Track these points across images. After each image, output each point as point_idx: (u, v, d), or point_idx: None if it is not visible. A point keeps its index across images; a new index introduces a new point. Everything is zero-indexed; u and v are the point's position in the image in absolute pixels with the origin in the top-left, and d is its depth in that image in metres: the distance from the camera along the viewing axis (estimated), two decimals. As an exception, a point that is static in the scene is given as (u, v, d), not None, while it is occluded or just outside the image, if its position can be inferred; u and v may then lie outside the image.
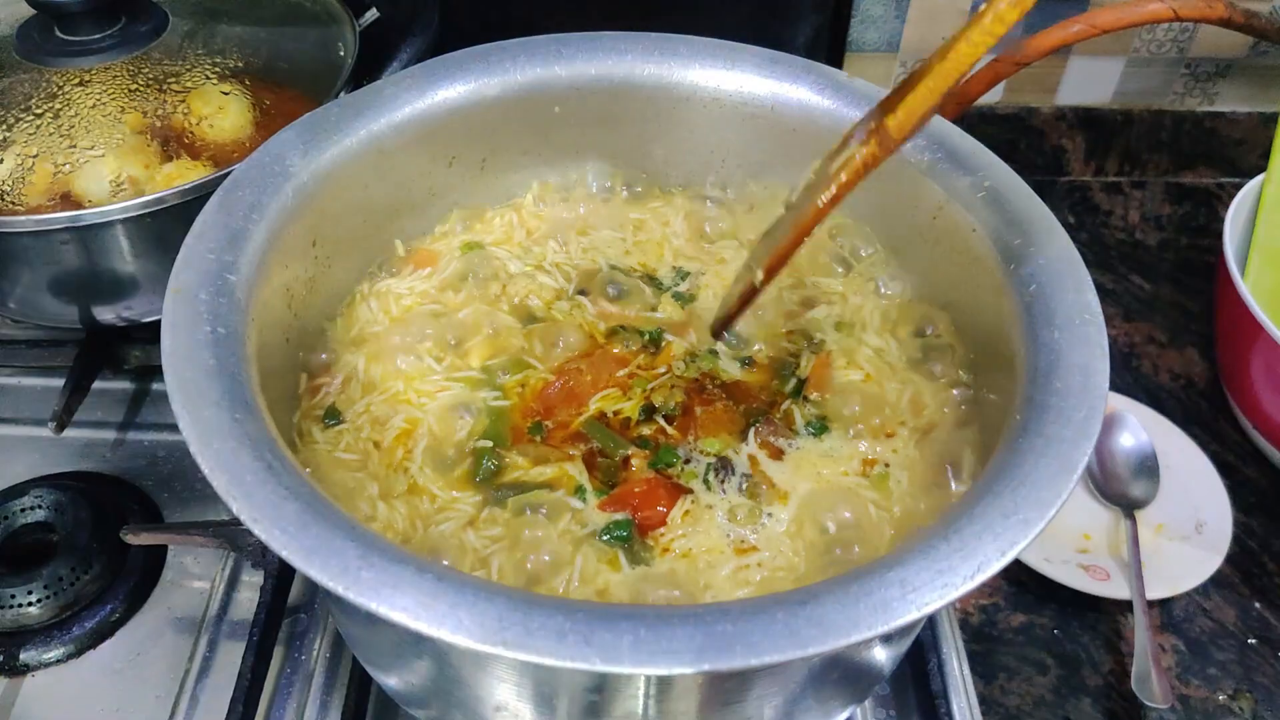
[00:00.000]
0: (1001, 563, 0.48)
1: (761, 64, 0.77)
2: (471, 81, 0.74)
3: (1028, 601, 0.87)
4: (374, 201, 0.74)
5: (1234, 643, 0.85)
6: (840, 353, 0.73)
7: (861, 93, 0.74)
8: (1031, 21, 1.15)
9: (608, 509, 0.63)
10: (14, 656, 0.78)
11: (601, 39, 0.77)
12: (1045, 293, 0.61)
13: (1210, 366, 1.07)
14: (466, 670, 0.58)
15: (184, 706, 0.76)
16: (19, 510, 0.84)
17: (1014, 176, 0.68)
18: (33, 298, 0.88)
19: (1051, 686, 0.81)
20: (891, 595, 0.47)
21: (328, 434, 0.67)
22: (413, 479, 0.65)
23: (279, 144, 0.67)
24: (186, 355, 0.54)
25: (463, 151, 0.77)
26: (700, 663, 0.44)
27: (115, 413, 0.97)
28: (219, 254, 0.60)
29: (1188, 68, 1.24)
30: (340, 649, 0.78)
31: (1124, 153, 1.29)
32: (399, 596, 0.46)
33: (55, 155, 0.85)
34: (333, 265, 0.72)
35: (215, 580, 0.84)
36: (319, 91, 0.91)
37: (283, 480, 0.50)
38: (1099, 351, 0.58)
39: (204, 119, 0.89)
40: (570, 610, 0.46)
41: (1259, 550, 0.91)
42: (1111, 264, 1.20)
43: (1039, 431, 0.54)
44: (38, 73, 0.88)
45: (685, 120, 0.79)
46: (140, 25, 0.92)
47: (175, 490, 0.91)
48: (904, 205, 0.73)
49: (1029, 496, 0.51)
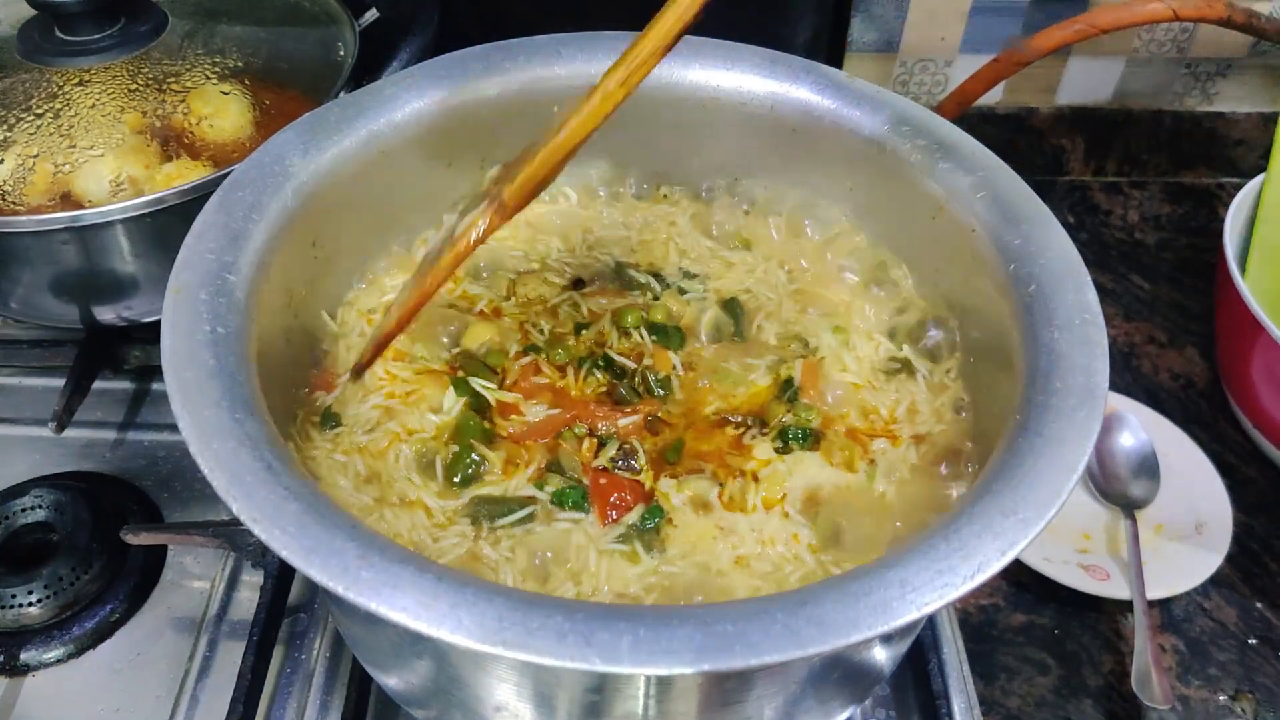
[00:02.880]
0: (1001, 563, 0.48)
1: (761, 64, 0.77)
2: (471, 81, 0.74)
3: (1028, 601, 0.87)
4: (374, 201, 0.74)
5: (1234, 643, 0.85)
6: (835, 356, 0.73)
7: (861, 93, 0.74)
8: (1031, 21, 1.16)
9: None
10: (14, 656, 0.78)
11: (601, 39, 0.77)
12: (1045, 293, 0.61)
13: (1210, 366, 1.07)
14: (466, 670, 0.58)
15: (184, 706, 0.76)
16: (19, 510, 0.84)
17: (1014, 176, 0.68)
18: (33, 298, 0.88)
19: (1052, 687, 0.81)
20: (891, 595, 0.47)
21: (326, 437, 0.67)
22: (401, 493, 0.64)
23: (279, 144, 0.67)
24: (186, 355, 0.54)
25: (463, 151, 0.77)
26: (700, 663, 0.44)
27: (115, 413, 0.97)
28: (219, 254, 0.60)
29: (1188, 68, 1.24)
30: (340, 649, 0.78)
31: (1124, 153, 1.29)
32: (399, 596, 0.46)
33: (55, 155, 0.85)
34: (333, 265, 0.72)
35: (215, 580, 0.84)
36: (319, 91, 0.91)
37: (283, 480, 0.50)
38: (1099, 351, 0.58)
39: (204, 119, 0.89)
40: (570, 610, 0.46)
41: (1259, 550, 0.91)
42: (1111, 264, 1.20)
43: (1039, 431, 0.54)
44: (38, 73, 0.88)
45: (685, 120, 0.79)
46: (140, 25, 0.91)
47: (175, 490, 0.90)
48: (904, 205, 0.73)
49: (1029, 496, 0.51)
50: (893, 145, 0.72)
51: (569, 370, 0.71)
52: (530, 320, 0.74)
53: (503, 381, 0.71)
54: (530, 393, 0.70)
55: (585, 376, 0.70)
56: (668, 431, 0.68)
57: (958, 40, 1.19)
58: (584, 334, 0.73)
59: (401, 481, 0.65)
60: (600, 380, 0.71)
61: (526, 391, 0.70)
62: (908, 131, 0.72)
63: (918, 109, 0.73)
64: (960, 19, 1.17)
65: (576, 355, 0.72)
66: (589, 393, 0.70)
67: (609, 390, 0.70)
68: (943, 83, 1.23)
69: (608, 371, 0.71)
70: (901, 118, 0.72)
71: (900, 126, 0.72)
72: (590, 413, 0.69)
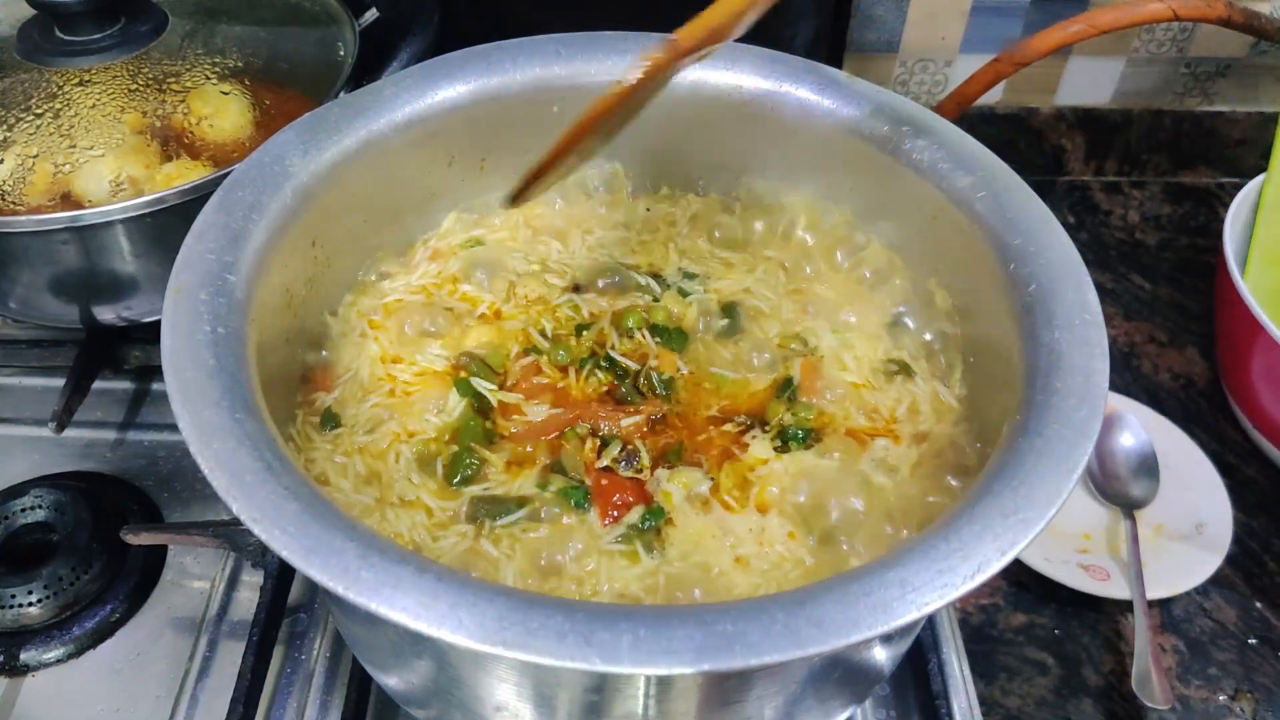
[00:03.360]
0: (1001, 563, 0.48)
1: (761, 64, 0.77)
2: (471, 81, 0.74)
3: (1028, 601, 0.87)
4: (374, 201, 0.74)
5: (1234, 643, 0.85)
6: (834, 355, 0.73)
7: (861, 93, 0.74)
8: (1031, 21, 1.16)
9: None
10: (14, 656, 0.78)
11: (602, 39, 0.77)
12: (1045, 293, 0.61)
13: (1210, 366, 1.07)
14: (466, 670, 0.58)
15: (184, 706, 0.76)
16: (19, 510, 0.84)
17: (1014, 176, 0.68)
18: (33, 298, 0.88)
19: (1052, 687, 0.81)
20: (891, 595, 0.47)
21: (326, 438, 0.67)
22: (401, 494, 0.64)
23: (279, 144, 0.67)
24: (186, 355, 0.54)
25: (463, 151, 0.77)
26: (700, 663, 0.44)
27: (115, 413, 0.97)
28: (219, 254, 0.60)
29: (1188, 68, 1.24)
30: (340, 649, 0.78)
31: (1124, 153, 1.29)
32: (399, 596, 0.46)
33: (55, 155, 0.85)
34: (333, 265, 0.72)
35: (215, 580, 0.84)
36: (319, 91, 0.91)
37: (283, 480, 0.50)
38: (1099, 351, 0.58)
39: (204, 119, 0.89)
40: (570, 610, 0.46)
41: (1259, 550, 0.91)
42: (1111, 264, 1.20)
43: (1039, 431, 0.54)
44: (38, 73, 0.88)
45: (685, 120, 0.79)
46: (140, 25, 0.91)
47: (175, 490, 0.90)
48: (904, 205, 0.73)
49: (1029, 496, 0.51)
50: (893, 145, 0.72)
51: (570, 371, 0.71)
52: (531, 322, 0.74)
53: (504, 382, 0.71)
54: (532, 393, 0.70)
55: (587, 377, 0.70)
56: (670, 432, 0.68)
57: (958, 40, 1.19)
58: (585, 335, 0.73)
59: (402, 482, 0.65)
60: (602, 381, 0.71)
61: (528, 392, 0.70)
62: (908, 131, 0.72)
63: (918, 109, 0.73)
64: (960, 19, 1.17)
65: (578, 356, 0.72)
66: (590, 393, 0.70)
67: (610, 390, 0.70)
68: (943, 83, 1.23)
69: (610, 372, 0.71)
70: (901, 118, 0.72)
71: (900, 126, 0.72)
72: (592, 413, 0.69)
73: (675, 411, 0.70)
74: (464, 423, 0.67)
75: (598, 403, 0.69)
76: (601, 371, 0.71)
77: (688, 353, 0.73)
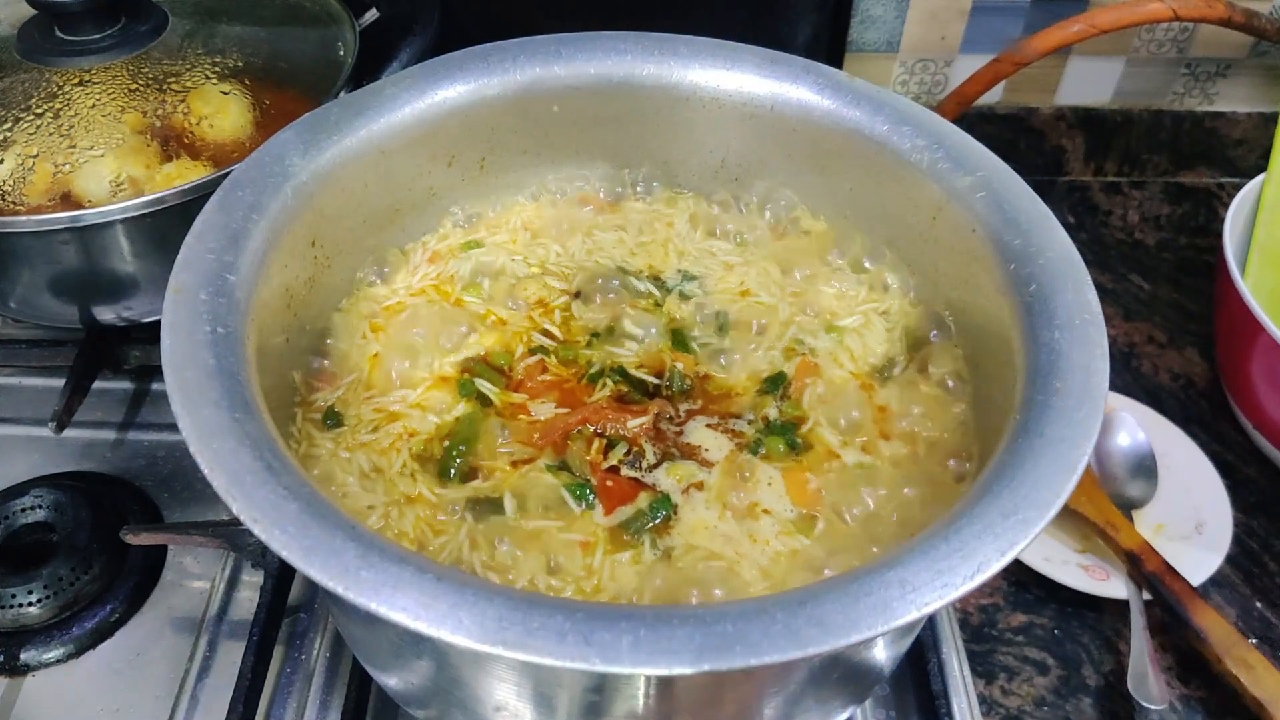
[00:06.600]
0: (1001, 563, 0.48)
1: (761, 64, 0.76)
2: (471, 81, 0.74)
3: (1028, 601, 0.87)
4: (374, 201, 0.74)
5: (1234, 643, 0.85)
6: (833, 355, 0.73)
7: (861, 93, 0.74)
8: (1031, 21, 1.16)
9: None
10: (14, 656, 0.78)
11: (601, 39, 0.77)
12: (1045, 293, 0.61)
13: (1210, 366, 1.07)
14: (466, 670, 0.58)
15: (184, 706, 0.76)
16: (19, 510, 0.84)
17: (1014, 176, 0.68)
18: (33, 298, 0.88)
19: (1052, 687, 0.81)
20: (891, 595, 0.47)
21: (327, 437, 0.67)
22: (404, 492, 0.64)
23: (279, 144, 0.67)
24: (186, 355, 0.54)
25: (462, 151, 0.77)
26: (700, 663, 0.44)
27: (115, 413, 0.97)
28: (219, 254, 0.60)
29: (1188, 68, 1.24)
30: (340, 649, 0.78)
31: (1124, 153, 1.29)
32: (399, 596, 0.46)
33: (55, 155, 0.85)
34: (333, 265, 0.72)
35: (215, 580, 0.84)
36: (319, 91, 0.91)
37: (283, 480, 0.50)
38: (1099, 351, 0.58)
39: (204, 119, 0.89)
40: (570, 610, 0.46)
41: (1259, 550, 0.91)
42: (1111, 264, 1.20)
43: (1039, 431, 0.54)
44: (38, 73, 0.89)
45: (685, 120, 0.79)
46: (140, 25, 0.91)
47: (175, 490, 0.91)
48: (904, 205, 0.73)
49: (1029, 496, 0.51)
50: (893, 145, 0.72)
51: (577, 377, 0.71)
52: (535, 326, 0.74)
53: (509, 382, 0.71)
54: (537, 392, 0.70)
55: (600, 388, 0.70)
56: (673, 433, 0.68)
57: (958, 40, 1.19)
58: (594, 343, 0.73)
59: (404, 481, 0.65)
60: (614, 388, 0.70)
61: (533, 391, 0.70)
62: (908, 131, 0.72)
63: (918, 109, 0.73)
64: (960, 19, 1.17)
65: (585, 361, 0.72)
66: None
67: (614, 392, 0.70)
68: (943, 83, 1.23)
69: (625, 382, 0.71)
70: (901, 118, 0.72)
71: (900, 126, 0.72)
72: (599, 414, 0.69)
73: (678, 412, 0.70)
74: (468, 422, 0.67)
75: (604, 404, 0.69)
76: (613, 382, 0.71)
77: (688, 353, 0.73)
